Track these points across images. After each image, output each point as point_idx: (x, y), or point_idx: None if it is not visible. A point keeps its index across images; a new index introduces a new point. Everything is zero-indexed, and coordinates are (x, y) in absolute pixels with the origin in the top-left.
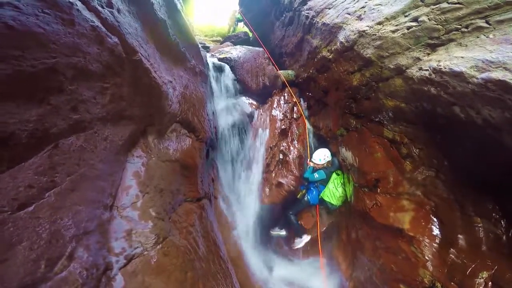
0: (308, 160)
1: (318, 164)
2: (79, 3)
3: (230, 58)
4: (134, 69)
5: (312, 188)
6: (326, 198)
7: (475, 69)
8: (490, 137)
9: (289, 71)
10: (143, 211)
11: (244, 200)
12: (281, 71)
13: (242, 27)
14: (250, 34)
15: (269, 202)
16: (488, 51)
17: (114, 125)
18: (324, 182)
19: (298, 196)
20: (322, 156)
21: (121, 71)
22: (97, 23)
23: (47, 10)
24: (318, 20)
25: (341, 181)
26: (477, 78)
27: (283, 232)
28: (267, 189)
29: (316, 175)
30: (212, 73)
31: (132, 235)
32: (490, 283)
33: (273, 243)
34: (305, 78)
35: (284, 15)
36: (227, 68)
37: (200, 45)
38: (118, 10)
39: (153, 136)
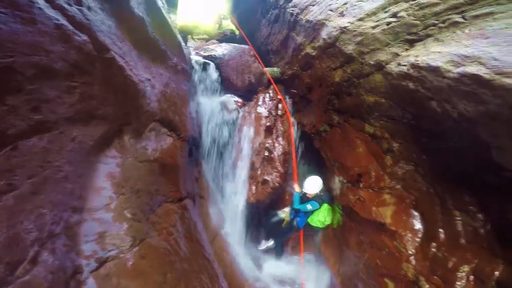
0: (295, 185)
1: (311, 194)
2: (41, 2)
3: (215, 55)
4: (106, 67)
5: (301, 215)
6: (313, 224)
7: (451, 64)
8: (465, 130)
9: (275, 68)
10: (118, 212)
11: (231, 199)
12: (267, 68)
13: (227, 25)
14: (237, 32)
15: (256, 200)
16: (464, 46)
17: (84, 125)
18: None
19: (282, 225)
20: (318, 185)
21: (91, 69)
22: (63, 21)
23: (3, 9)
24: (302, 17)
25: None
26: (453, 73)
27: (271, 243)
28: (253, 187)
29: (309, 206)
30: (196, 71)
31: (105, 238)
32: (472, 276)
33: (262, 241)
34: (290, 75)
35: (270, 13)
36: (211, 65)
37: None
38: (89, 8)
39: (129, 136)
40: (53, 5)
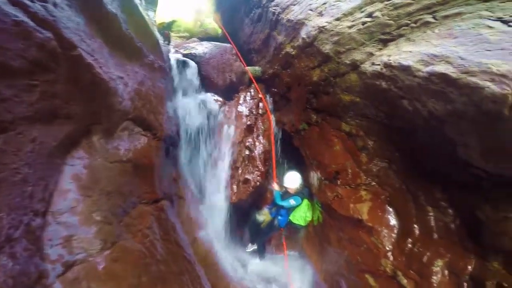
0: (274, 184)
1: (292, 188)
2: None
3: (195, 54)
4: (72, 65)
5: (282, 213)
6: (295, 221)
7: (421, 63)
8: (434, 128)
9: (256, 68)
10: (85, 216)
11: (212, 199)
12: (249, 67)
13: (209, 23)
14: (219, 31)
15: (237, 199)
16: (433, 46)
17: (46, 125)
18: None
19: (262, 226)
20: (298, 179)
21: (55, 67)
22: (23, 17)
23: None
24: (283, 16)
25: (312, 207)
26: (422, 72)
27: (256, 247)
28: (234, 186)
29: (292, 201)
30: (175, 69)
31: (72, 241)
32: (446, 271)
33: (246, 240)
34: (271, 74)
35: (253, 12)
36: (191, 64)
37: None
38: (55, 4)
39: (99, 136)
40: (13, 1)
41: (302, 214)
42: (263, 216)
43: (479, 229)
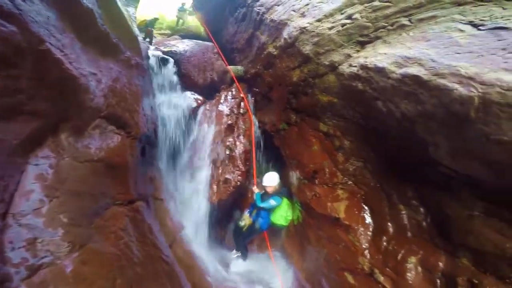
0: (254, 186)
1: (270, 187)
2: None
3: (176, 51)
4: (39, 60)
5: (263, 215)
6: (276, 221)
7: (395, 65)
8: (406, 129)
9: (239, 67)
10: (51, 217)
11: (191, 199)
12: (231, 66)
13: (192, 21)
14: (202, 29)
15: (217, 199)
16: (407, 48)
17: (7, 121)
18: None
19: (244, 230)
20: (276, 178)
21: (19, 62)
22: None
23: None
24: (267, 16)
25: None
26: (396, 74)
27: (239, 253)
28: (214, 186)
29: (272, 201)
30: (154, 66)
31: (37, 244)
32: (419, 267)
33: (228, 240)
34: (253, 74)
35: (238, 11)
36: (171, 61)
37: None
38: None
39: (67, 134)
40: None
41: (283, 214)
42: (244, 220)
43: (448, 227)
